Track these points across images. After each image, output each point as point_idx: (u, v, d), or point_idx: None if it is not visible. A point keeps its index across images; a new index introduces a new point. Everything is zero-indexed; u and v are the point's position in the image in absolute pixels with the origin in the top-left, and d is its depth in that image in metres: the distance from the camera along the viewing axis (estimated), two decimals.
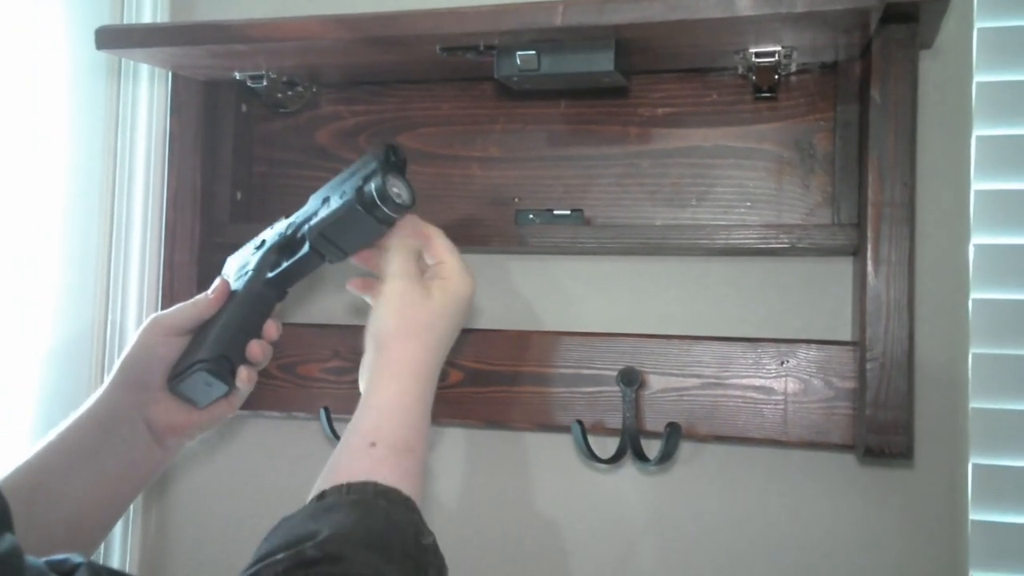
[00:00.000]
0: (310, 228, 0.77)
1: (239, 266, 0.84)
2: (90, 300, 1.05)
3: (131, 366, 0.77)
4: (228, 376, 0.77)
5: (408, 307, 0.72)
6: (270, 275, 0.80)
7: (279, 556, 0.53)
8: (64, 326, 1.04)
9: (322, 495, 0.60)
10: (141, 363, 0.77)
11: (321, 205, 0.78)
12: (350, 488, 0.61)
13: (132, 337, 0.78)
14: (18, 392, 1.00)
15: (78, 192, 1.03)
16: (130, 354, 0.77)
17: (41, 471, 0.72)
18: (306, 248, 0.78)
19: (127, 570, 1.06)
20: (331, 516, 0.57)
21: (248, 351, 0.78)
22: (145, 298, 1.05)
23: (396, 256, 0.75)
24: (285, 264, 0.80)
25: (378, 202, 0.73)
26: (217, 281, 0.81)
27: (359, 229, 0.75)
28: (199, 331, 0.79)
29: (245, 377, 0.78)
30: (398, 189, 0.74)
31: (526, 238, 0.94)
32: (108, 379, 0.77)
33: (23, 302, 1.00)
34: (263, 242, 0.84)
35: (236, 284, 0.81)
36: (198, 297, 0.80)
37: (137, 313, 1.05)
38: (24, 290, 1.00)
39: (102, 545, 0.97)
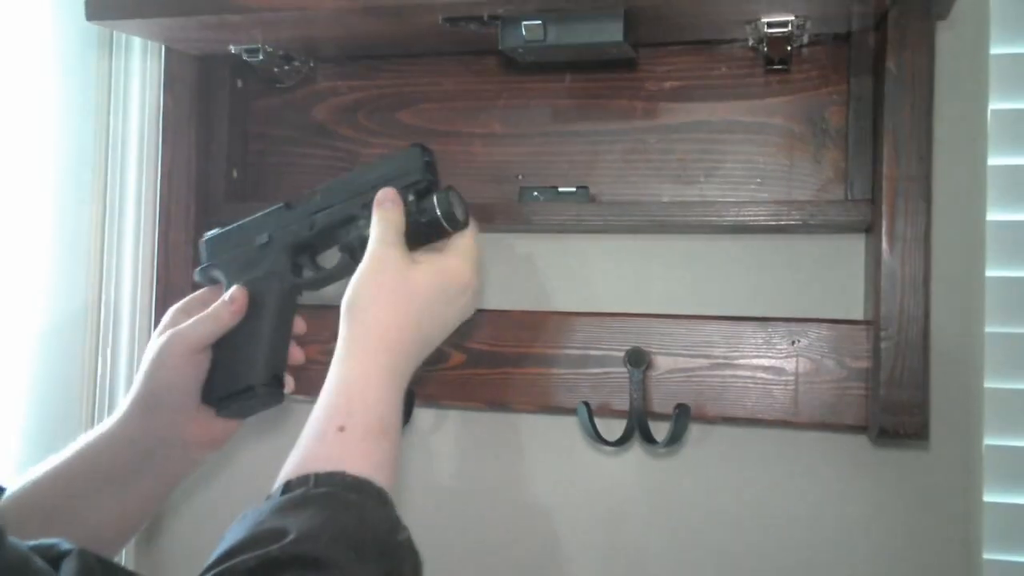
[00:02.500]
0: (351, 241, 0.75)
1: (239, 262, 0.80)
2: (83, 280, 1.03)
3: (160, 390, 0.73)
4: (279, 389, 0.76)
5: (383, 272, 0.67)
6: (299, 281, 0.78)
7: (245, 556, 0.49)
8: (58, 306, 1.01)
9: (288, 485, 0.56)
10: (171, 386, 0.73)
11: (357, 209, 0.74)
12: (318, 479, 0.55)
13: (149, 354, 0.74)
14: (12, 372, 0.97)
15: (70, 169, 1.01)
16: (156, 376, 0.73)
17: (65, 493, 0.70)
18: (344, 259, 0.76)
19: (125, 558, 1.04)
20: (300, 513, 0.52)
21: (290, 357, 0.78)
22: (140, 278, 1.03)
23: (379, 224, 0.70)
24: (320, 273, 0.78)
25: (443, 223, 0.71)
26: (233, 289, 0.77)
27: (411, 242, 0.72)
28: (226, 344, 0.75)
29: (292, 384, 0.79)
30: (458, 204, 0.72)
31: (530, 216, 0.92)
32: (132, 400, 0.73)
33: (15, 282, 0.98)
34: (269, 238, 0.79)
35: (250, 287, 0.77)
36: (216, 308, 0.75)
37: (132, 293, 1.03)
38: (16, 270, 0.98)
39: None
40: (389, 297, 0.66)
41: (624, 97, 0.94)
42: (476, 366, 0.95)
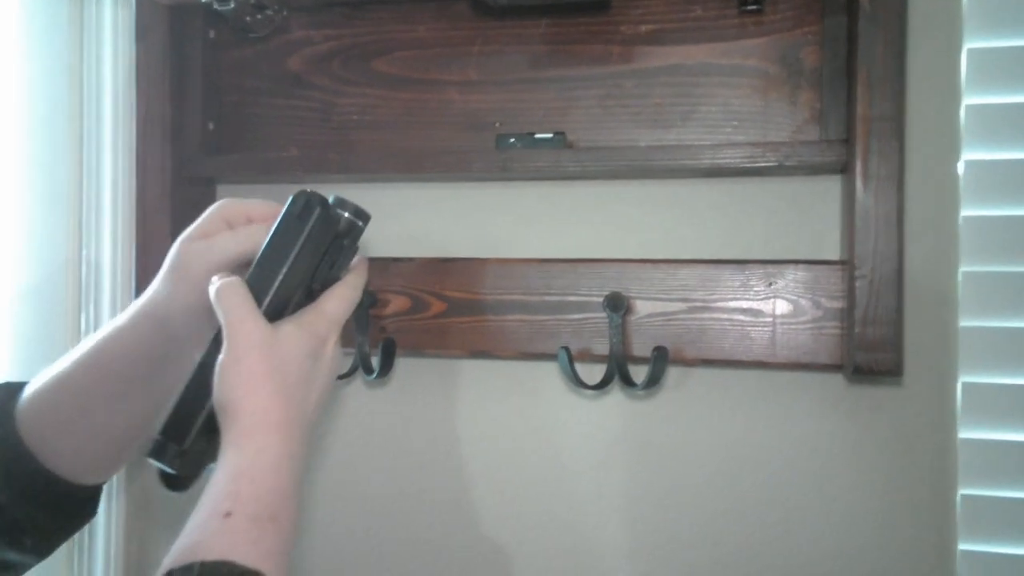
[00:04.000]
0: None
1: None
2: (62, 236, 1.02)
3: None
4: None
5: (248, 357, 0.60)
6: None
7: None
8: (36, 264, 1.01)
9: (170, 574, 0.51)
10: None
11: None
12: (203, 569, 0.51)
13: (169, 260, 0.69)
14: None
15: (44, 123, 1.00)
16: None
17: (76, 403, 0.68)
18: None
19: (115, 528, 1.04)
20: None
21: None
22: (120, 233, 1.02)
23: (223, 292, 0.62)
24: None
25: (359, 222, 0.68)
26: None
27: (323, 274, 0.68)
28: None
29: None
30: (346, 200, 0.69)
31: (508, 164, 0.91)
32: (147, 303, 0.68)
33: None
34: None
35: None
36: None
37: (112, 249, 1.02)
38: None
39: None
40: (256, 379, 0.60)
41: (599, 41, 0.94)
42: (456, 314, 0.95)
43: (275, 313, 0.63)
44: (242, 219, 0.69)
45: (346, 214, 0.68)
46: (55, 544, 0.72)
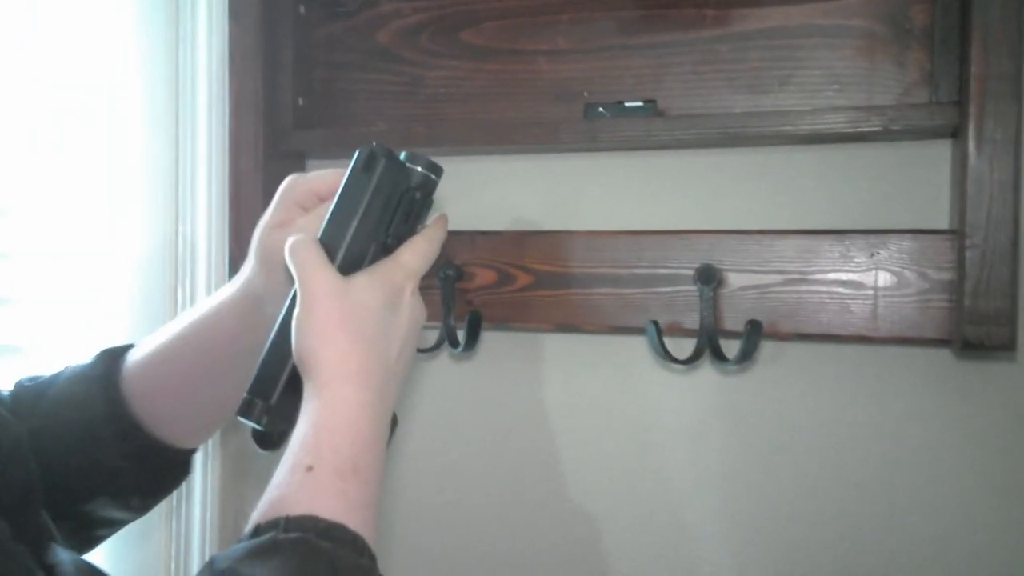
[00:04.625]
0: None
1: None
2: (161, 213, 1.04)
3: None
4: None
5: (320, 307, 0.59)
6: None
7: None
8: (139, 240, 1.04)
9: (257, 528, 0.52)
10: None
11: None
12: (288, 523, 0.51)
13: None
14: (110, 303, 1.00)
15: (142, 102, 1.02)
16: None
17: (180, 373, 0.70)
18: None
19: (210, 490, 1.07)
20: (267, 562, 0.49)
21: None
22: (214, 209, 1.04)
23: (294, 249, 0.62)
24: None
25: (433, 176, 0.68)
26: None
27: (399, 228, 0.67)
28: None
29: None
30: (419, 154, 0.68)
31: (597, 133, 0.90)
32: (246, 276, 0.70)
33: (105, 217, 1.00)
34: None
35: None
36: None
37: (207, 224, 1.04)
38: (105, 205, 1.00)
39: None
40: (336, 330, 0.59)
41: (692, 5, 0.91)
42: (542, 287, 0.94)
43: (350, 268, 0.63)
44: (312, 198, 0.69)
45: (418, 168, 0.67)
46: (153, 503, 0.75)
